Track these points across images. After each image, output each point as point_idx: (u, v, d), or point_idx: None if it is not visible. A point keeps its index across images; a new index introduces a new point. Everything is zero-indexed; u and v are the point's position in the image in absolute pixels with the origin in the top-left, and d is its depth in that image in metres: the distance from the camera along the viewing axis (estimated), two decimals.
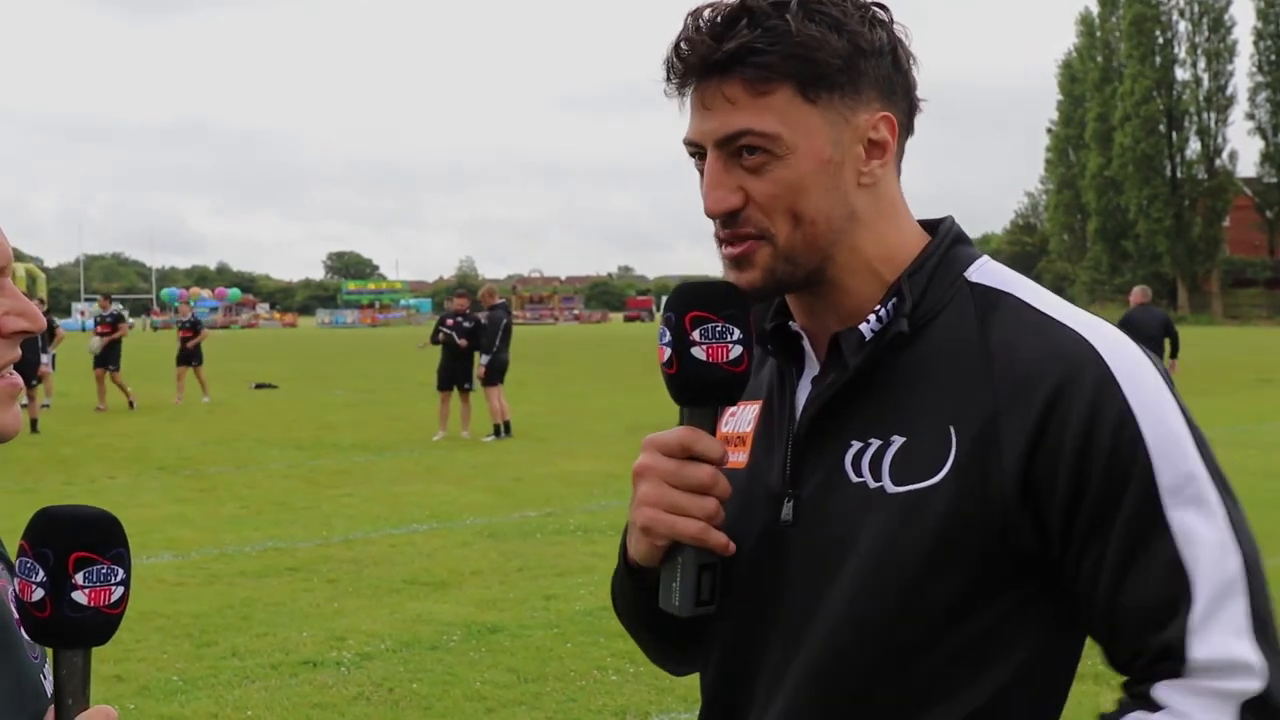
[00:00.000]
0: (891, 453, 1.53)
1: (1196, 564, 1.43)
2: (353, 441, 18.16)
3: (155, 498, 13.14)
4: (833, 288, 1.60)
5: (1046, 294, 1.60)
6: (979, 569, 1.50)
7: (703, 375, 1.53)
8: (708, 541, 1.54)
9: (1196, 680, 1.41)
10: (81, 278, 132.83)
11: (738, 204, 1.54)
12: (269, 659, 7.24)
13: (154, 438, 18.83)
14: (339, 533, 11.14)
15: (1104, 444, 1.45)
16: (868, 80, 1.54)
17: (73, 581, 1.33)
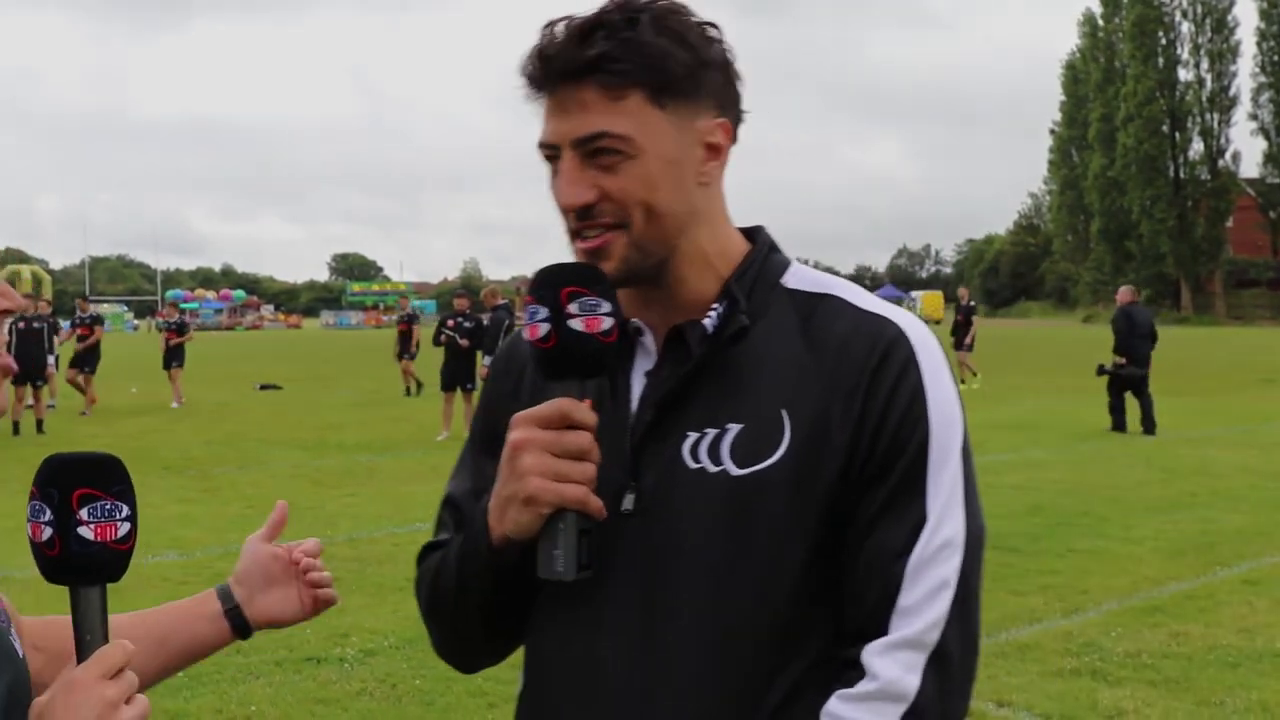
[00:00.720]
0: (729, 439, 1.67)
1: (928, 526, 1.63)
2: (357, 442, 18.24)
3: (160, 498, 13.20)
4: (674, 279, 1.74)
5: (862, 292, 1.78)
6: (819, 534, 1.66)
7: (583, 345, 1.64)
8: (589, 505, 1.64)
9: (898, 632, 1.61)
10: (87, 279, 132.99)
11: (592, 199, 1.67)
12: (273, 655, 7.31)
13: (159, 438, 18.91)
14: (343, 532, 11.21)
15: (898, 413, 1.65)
16: (707, 90, 1.70)
17: (78, 518, 1.39)
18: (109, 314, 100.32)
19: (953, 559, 1.63)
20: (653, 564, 1.68)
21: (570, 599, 1.72)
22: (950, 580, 1.62)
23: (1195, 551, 10.28)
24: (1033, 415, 21.40)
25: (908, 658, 1.60)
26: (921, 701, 1.59)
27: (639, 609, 1.69)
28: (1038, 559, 9.96)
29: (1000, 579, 9.20)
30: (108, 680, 1.41)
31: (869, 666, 1.60)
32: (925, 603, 1.61)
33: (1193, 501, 12.72)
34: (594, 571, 1.67)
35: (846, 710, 1.60)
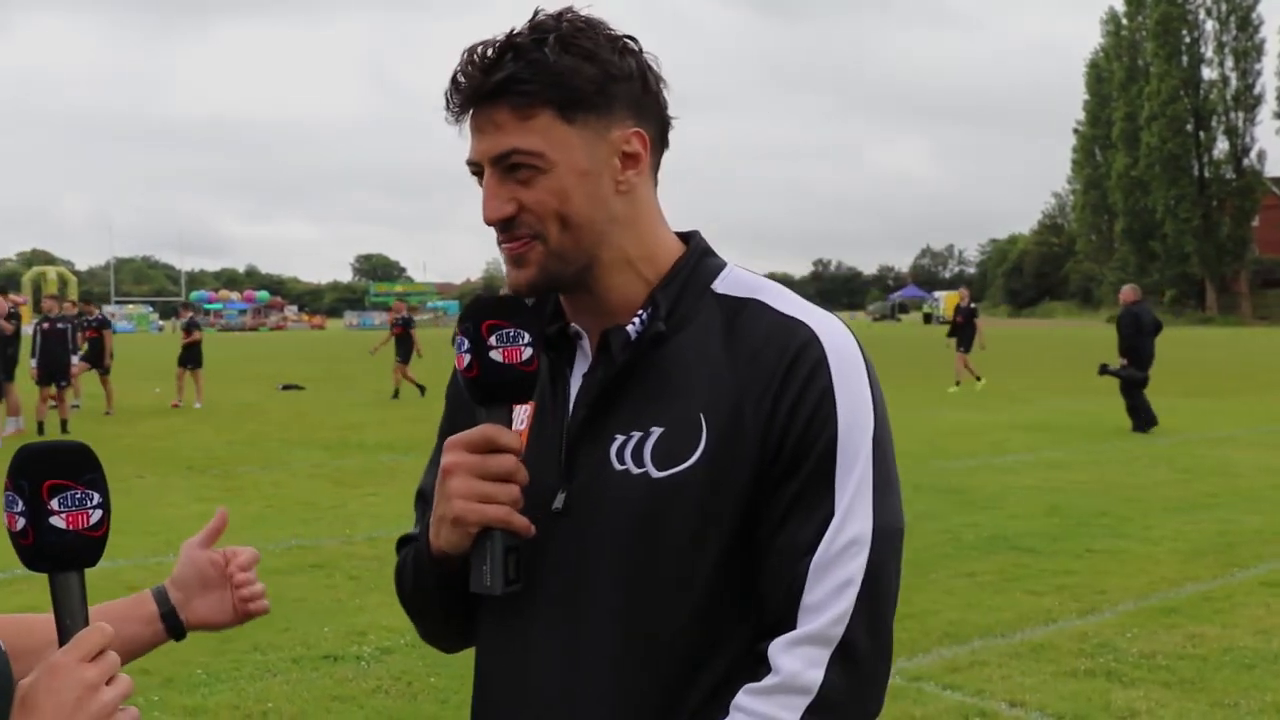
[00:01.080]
0: (651, 442, 1.73)
1: (832, 525, 1.68)
2: (378, 442, 18.32)
3: (182, 497, 13.32)
4: (600, 285, 1.81)
5: (788, 295, 1.82)
6: (735, 531, 1.71)
7: (501, 375, 1.73)
8: (513, 524, 1.72)
9: (802, 628, 1.65)
10: (112, 280, 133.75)
11: (511, 212, 1.76)
12: (290, 653, 7.37)
13: (182, 438, 19.02)
14: (363, 531, 11.27)
15: (806, 412, 1.70)
16: (619, 102, 1.76)
17: (49, 508, 1.46)
18: (134, 315, 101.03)
19: (859, 556, 1.67)
20: (578, 565, 1.75)
21: (503, 607, 1.80)
22: (855, 577, 1.66)
23: (1214, 552, 10.25)
24: (1053, 416, 21.35)
25: (810, 652, 1.64)
26: (828, 695, 1.63)
27: (564, 612, 1.76)
28: (1055, 559, 9.95)
29: (1016, 579, 9.21)
30: (88, 663, 1.46)
31: (773, 661, 1.65)
32: (830, 599, 1.65)
33: (1212, 502, 12.68)
34: (523, 583, 1.75)
35: (752, 703, 1.65)
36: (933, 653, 7.38)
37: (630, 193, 1.79)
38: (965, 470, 14.79)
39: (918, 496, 12.57)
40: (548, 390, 1.84)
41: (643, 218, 1.82)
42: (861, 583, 1.66)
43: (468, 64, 1.75)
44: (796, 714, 1.63)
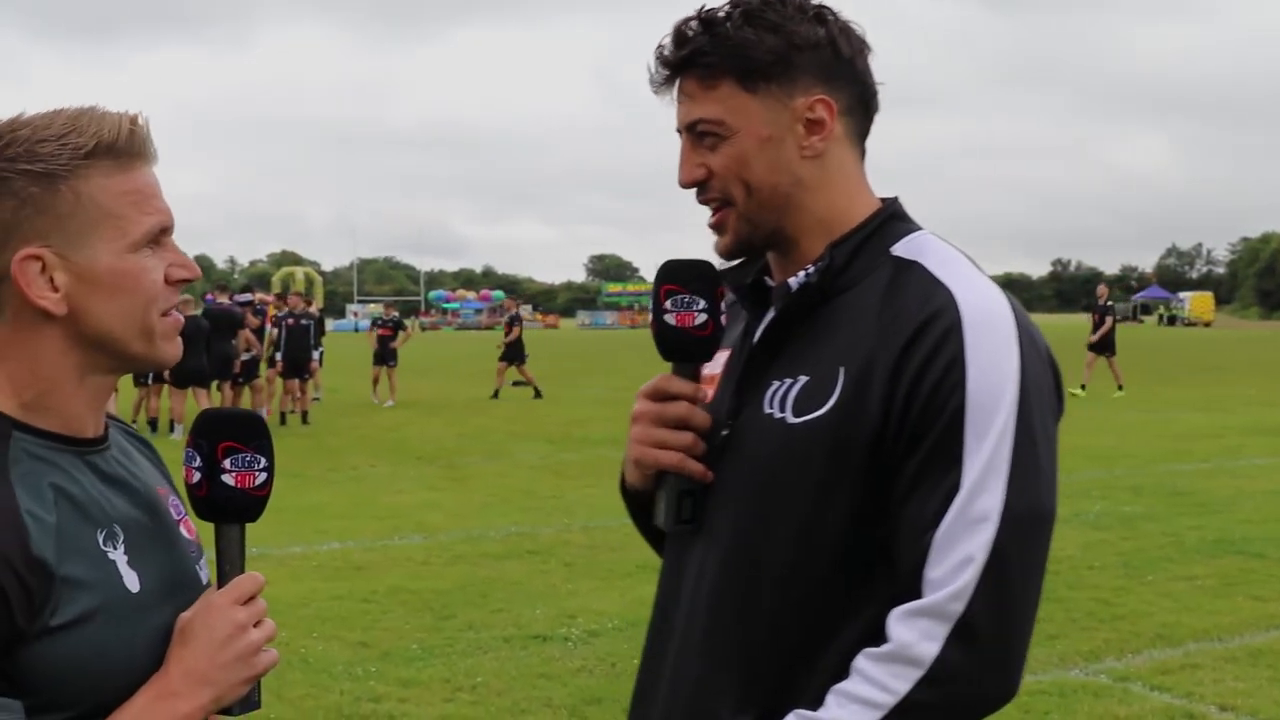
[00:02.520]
0: (796, 390, 1.80)
1: (959, 496, 1.66)
2: (602, 437, 18.59)
3: (411, 485, 13.82)
4: (793, 246, 1.89)
5: (953, 262, 1.82)
6: (861, 490, 1.74)
7: (672, 337, 1.88)
8: (685, 469, 1.86)
9: (926, 600, 1.65)
10: (355, 280, 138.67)
11: (701, 176, 1.87)
12: (502, 632, 7.63)
13: (413, 430, 19.69)
14: (579, 520, 11.52)
15: (932, 380, 1.70)
16: (803, 70, 1.83)
17: (221, 466, 1.65)
18: (374, 314, 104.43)
19: (983, 533, 1.64)
20: (723, 503, 1.86)
21: (673, 537, 1.96)
22: (976, 555, 1.64)
23: None
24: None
25: (926, 625, 1.64)
26: (940, 671, 1.63)
27: (707, 547, 1.88)
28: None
29: (1240, 584, 8.91)
30: (240, 605, 1.65)
31: (889, 629, 1.67)
32: (950, 575, 1.64)
33: None
34: (698, 524, 1.88)
35: (866, 667, 1.67)
36: (1143, 654, 7.22)
37: (818, 158, 1.85)
38: (1195, 474, 14.30)
39: (1137, 498, 12.29)
40: (739, 339, 1.96)
41: (835, 183, 1.88)
42: (986, 562, 1.64)
43: (665, 40, 1.87)
44: (907, 685, 1.63)
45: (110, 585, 1.59)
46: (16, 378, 1.63)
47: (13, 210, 1.58)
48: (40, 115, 1.61)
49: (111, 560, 1.61)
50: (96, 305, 1.61)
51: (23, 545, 1.50)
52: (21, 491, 1.54)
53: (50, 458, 1.61)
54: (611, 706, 6.32)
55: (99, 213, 1.60)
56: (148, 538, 1.69)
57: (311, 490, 12.86)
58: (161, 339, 1.67)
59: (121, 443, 1.80)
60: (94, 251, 1.60)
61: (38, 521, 1.53)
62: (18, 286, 1.59)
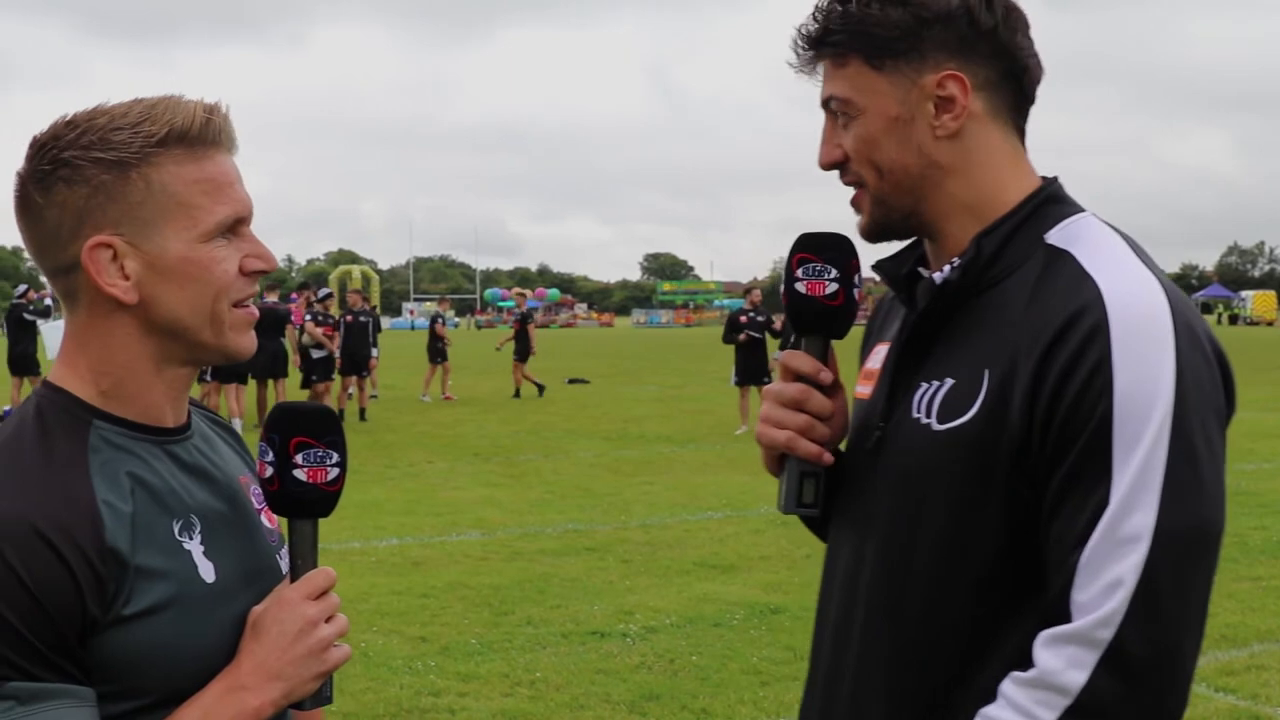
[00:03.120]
0: (942, 393, 1.71)
1: (1108, 514, 1.53)
2: (657, 434, 18.63)
3: (468, 481, 13.88)
4: (937, 231, 1.80)
5: (1109, 249, 1.68)
6: (1009, 503, 1.63)
7: (804, 306, 1.82)
8: (797, 450, 1.82)
9: (1073, 625, 1.53)
10: (411, 279, 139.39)
11: (838, 158, 1.81)
12: (560, 628, 7.65)
13: (470, 427, 19.76)
14: (636, 517, 11.54)
15: (1077, 384, 1.56)
16: (932, 45, 1.73)
17: (293, 461, 1.65)
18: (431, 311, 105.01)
19: (1133, 554, 1.51)
20: (872, 507, 1.80)
21: (833, 526, 1.93)
22: (1126, 577, 1.51)
23: None
24: None
25: (1073, 652, 1.52)
26: (1089, 701, 1.51)
27: (856, 547, 1.83)
28: None
29: None
30: (312, 600, 1.65)
31: (1035, 653, 1.56)
32: (1098, 599, 1.52)
33: None
34: (819, 509, 1.85)
35: (1012, 692, 1.57)
36: (1208, 654, 7.11)
37: (954, 137, 1.75)
38: (1259, 474, 14.11)
39: None
40: (897, 333, 1.87)
41: (978, 164, 1.76)
42: (1136, 584, 1.50)
43: (804, 20, 1.82)
44: (1053, 714, 1.53)
45: (185, 575, 1.60)
46: (95, 365, 1.64)
47: (85, 198, 1.58)
48: (120, 104, 1.62)
49: (187, 550, 1.62)
50: (167, 294, 1.61)
51: (97, 535, 1.51)
52: (99, 480, 1.55)
53: (129, 446, 1.62)
54: (670, 703, 6.32)
55: (170, 201, 1.60)
56: (226, 527, 1.69)
57: (370, 486, 13.03)
58: (232, 330, 1.67)
59: (205, 431, 1.81)
60: (164, 240, 1.60)
61: (113, 511, 1.54)
62: (89, 274, 1.59)
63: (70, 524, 1.50)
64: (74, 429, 1.60)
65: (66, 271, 1.62)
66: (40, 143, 1.60)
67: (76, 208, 1.58)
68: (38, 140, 1.61)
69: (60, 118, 1.62)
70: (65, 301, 1.65)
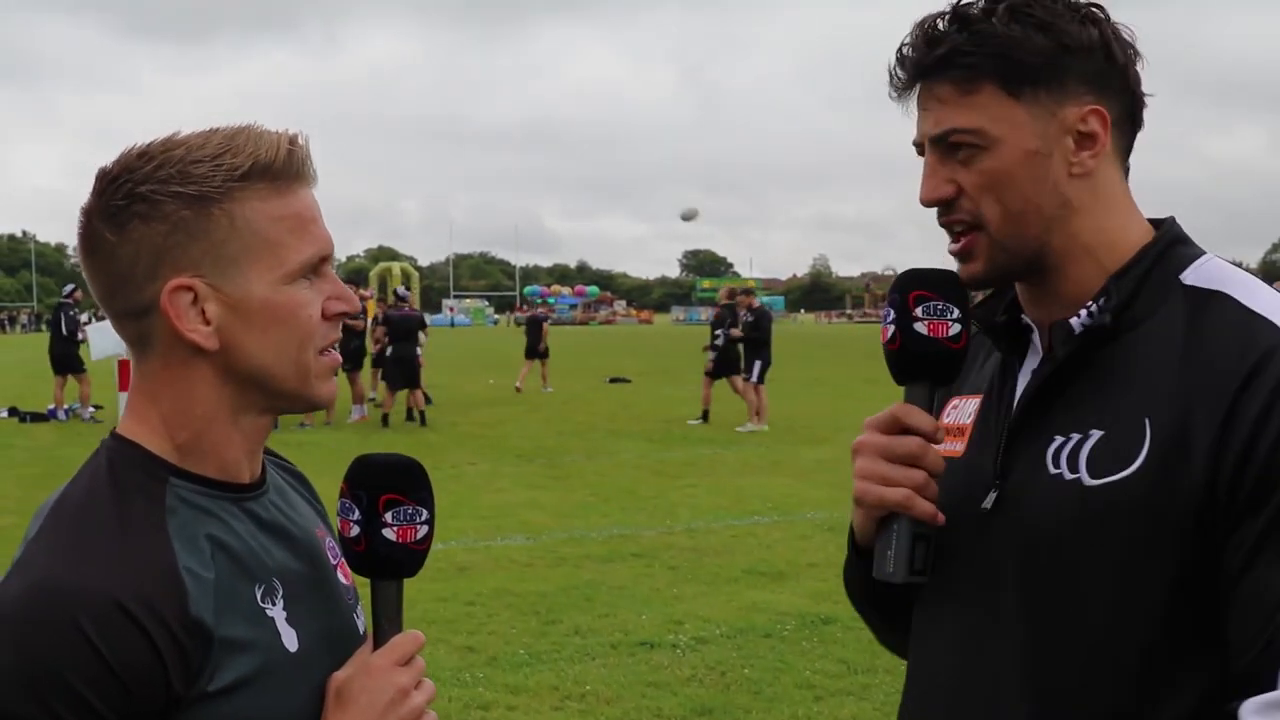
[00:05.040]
0: (1089, 446, 1.58)
1: None
2: (701, 435, 18.52)
3: (511, 483, 13.78)
4: (1055, 275, 1.67)
5: (1265, 290, 1.60)
6: (1180, 564, 1.51)
7: (925, 349, 1.65)
8: (914, 509, 1.64)
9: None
10: (451, 276, 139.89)
11: (950, 194, 1.65)
12: (609, 638, 7.54)
13: (513, 428, 19.68)
14: (682, 522, 11.42)
15: (1273, 433, 1.46)
16: (1074, 75, 1.61)
17: (383, 520, 1.53)
18: (471, 309, 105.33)
19: None
20: (997, 571, 1.65)
21: (926, 600, 1.76)
22: None
23: None
24: None
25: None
26: None
27: (978, 615, 1.67)
28: None
29: None
30: (401, 667, 1.54)
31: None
32: None
33: None
34: (929, 575, 1.68)
35: None
36: None
37: (1087, 176, 1.64)
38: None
39: None
40: (996, 384, 1.76)
41: (1103, 203, 1.66)
42: None
43: (913, 37, 1.66)
44: None
45: (269, 646, 1.48)
46: (170, 418, 1.52)
47: (164, 235, 1.46)
48: (195, 134, 1.50)
49: (270, 618, 1.50)
50: (250, 340, 1.50)
51: (181, 605, 1.40)
52: (179, 545, 1.44)
53: (207, 506, 1.51)
54: (722, 718, 6.21)
55: (254, 239, 1.49)
56: (307, 589, 1.58)
57: None
58: (317, 379, 1.55)
59: (280, 483, 1.69)
60: (248, 282, 1.49)
61: (196, 579, 1.43)
62: (168, 319, 1.47)
63: (153, 595, 1.38)
64: (150, 488, 1.47)
65: (140, 315, 1.50)
66: (111, 175, 1.48)
67: (154, 246, 1.46)
68: (107, 173, 1.48)
69: (130, 149, 1.49)
70: (136, 347, 1.53)
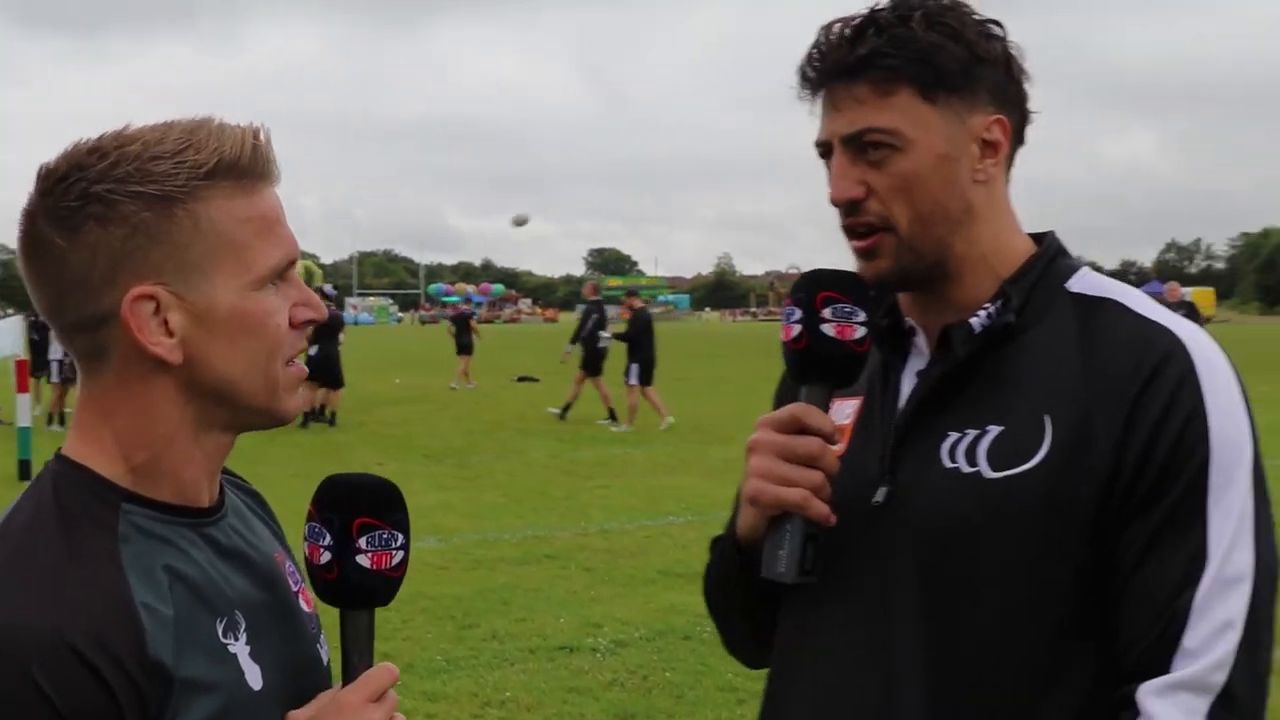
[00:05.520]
0: (988, 441, 1.62)
1: (1211, 559, 1.52)
2: (610, 434, 18.49)
3: (421, 484, 13.56)
4: (951, 280, 1.71)
5: (1145, 299, 1.69)
6: (1078, 556, 1.57)
7: (830, 351, 1.64)
8: (810, 510, 1.63)
9: (1179, 672, 1.50)
10: (355, 274, 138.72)
11: (860, 194, 1.67)
12: (527, 643, 7.43)
13: (421, 427, 19.48)
14: (596, 523, 11.35)
15: (1173, 432, 1.54)
16: (983, 86, 1.67)
17: (356, 546, 1.41)
18: (375, 307, 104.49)
19: (1240, 594, 1.52)
20: (893, 564, 1.66)
21: (804, 602, 1.74)
22: (1236, 619, 1.51)
23: None
24: None
25: (1188, 700, 1.50)
26: None
27: (873, 612, 1.67)
28: None
29: None
30: (373, 703, 1.42)
31: (1144, 707, 1.51)
32: (1210, 643, 1.50)
33: None
34: (819, 575, 1.66)
35: None
36: None
37: (988, 183, 1.70)
38: None
39: None
40: (878, 385, 1.77)
41: (998, 212, 1.73)
42: (1244, 625, 1.51)
43: (827, 39, 1.69)
44: None
45: (233, 684, 1.37)
46: (126, 438, 1.40)
47: (122, 240, 1.34)
48: (150, 129, 1.37)
49: (233, 654, 1.39)
50: (216, 352, 1.38)
51: (138, 644, 1.28)
52: (134, 578, 1.32)
53: (163, 534, 1.39)
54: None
55: (219, 243, 1.37)
56: (270, 620, 1.47)
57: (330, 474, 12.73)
58: (285, 391, 1.45)
59: (237, 504, 1.57)
60: (213, 289, 1.38)
61: (153, 615, 1.31)
62: (128, 330, 1.36)
63: (106, 634, 1.26)
64: (100, 515, 1.35)
65: (95, 327, 1.37)
66: (59, 174, 1.35)
67: (112, 251, 1.34)
68: (54, 171, 1.35)
69: (78, 143, 1.36)
70: (88, 361, 1.41)
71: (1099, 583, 1.57)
